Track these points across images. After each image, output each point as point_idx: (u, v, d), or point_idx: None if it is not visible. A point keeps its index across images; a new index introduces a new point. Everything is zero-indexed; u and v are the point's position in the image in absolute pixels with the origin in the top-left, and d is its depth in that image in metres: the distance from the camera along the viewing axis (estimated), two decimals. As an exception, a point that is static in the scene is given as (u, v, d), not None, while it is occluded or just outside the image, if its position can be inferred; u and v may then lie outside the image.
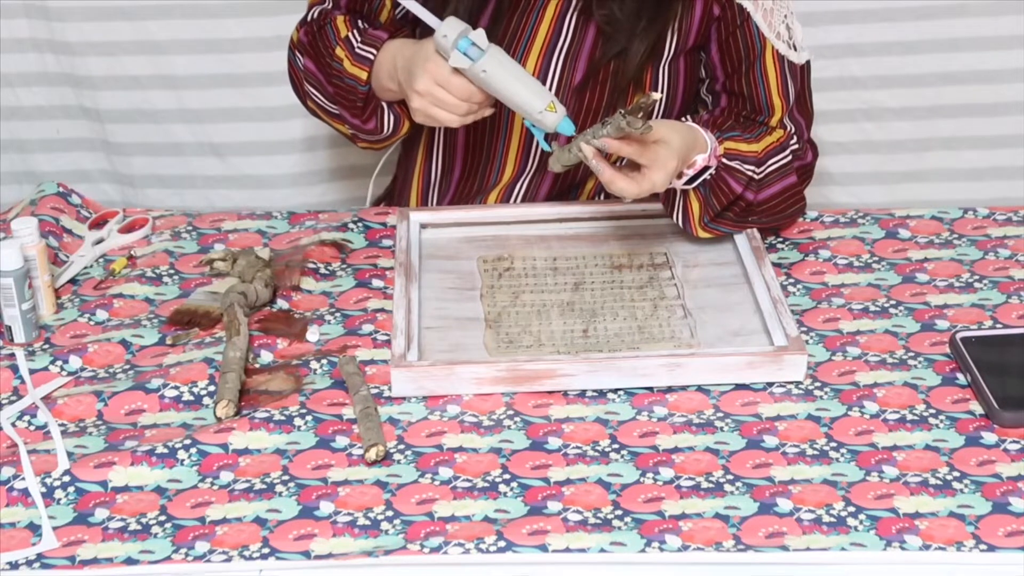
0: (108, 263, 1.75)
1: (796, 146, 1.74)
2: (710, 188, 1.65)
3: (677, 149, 1.55)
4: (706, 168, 1.62)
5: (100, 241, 1.79)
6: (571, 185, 1.83)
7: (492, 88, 1.60)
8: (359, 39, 1.73)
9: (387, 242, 1.78)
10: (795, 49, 1.73)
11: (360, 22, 1.77)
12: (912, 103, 2.40)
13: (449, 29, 1.58)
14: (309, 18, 1.81)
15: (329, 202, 2.38)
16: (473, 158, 1.82)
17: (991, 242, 1.74)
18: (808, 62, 1.76)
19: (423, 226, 1.77)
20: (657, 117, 1.75)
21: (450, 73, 1.60)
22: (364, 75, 1.71)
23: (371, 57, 1.71)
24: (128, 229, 1.81)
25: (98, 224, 1.82)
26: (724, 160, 1.64)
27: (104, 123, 2.45)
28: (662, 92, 1.76)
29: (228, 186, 2.47)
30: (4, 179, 2.49)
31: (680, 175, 1.61)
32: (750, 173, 1.66)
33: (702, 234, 1.69)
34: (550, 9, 1.73)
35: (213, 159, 2.43)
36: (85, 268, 1.75)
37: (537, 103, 1.59)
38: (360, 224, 1.82)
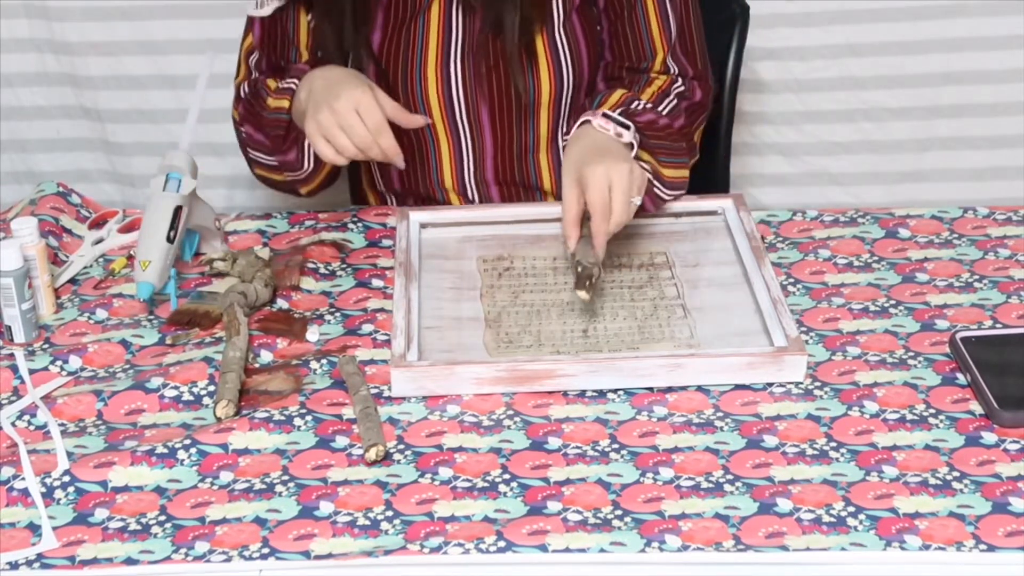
0: (108, 263, 1.75)
1: (681, 87, 1.76)
2: (644, 135, 1.68)
3: (598, 180, 1.57)
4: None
5: (100, 241, 1.79)
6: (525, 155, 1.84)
7: (148, 211, 1.63)
8: (285, 79, 1.76)
9: (387, 242, 1.78)
10: None
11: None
12: (912, 103, 2.41)
13: (176, 158, 1.67)
14: (241, 94, 1.83)
15: (329, 202, 2.38)
16: (408, 166, 1.83)
17: (991, 242, 1.74)
18: None
19: (423, 226, 1.77)
20: (569, 82, 1.77)
21: (373, 106, 1.61)
22: (286, 103, 1.72)
23: (293, 87, 1.72)
24: (128, 229, 1.81)
25: (98, 224, 1.82)
26: (618, 114, 1.66)
27: (104, 123, 2.46)
28: (565, 58, 1.77)
29: (228, 186, 2.48)
30: (4, 179, 2.49)
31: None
32: (644, 103, 1.70)
33: (670, 174, 1.72)
34: (434, 12, 1.74)
35: (213, 159, 2.43)
36: (85, 268, 1.75)
37: (142, 250, 1.60)
38: (360, 224, 1.82)
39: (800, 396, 1.48)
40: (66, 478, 1.37)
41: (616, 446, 1.41)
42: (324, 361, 1.54)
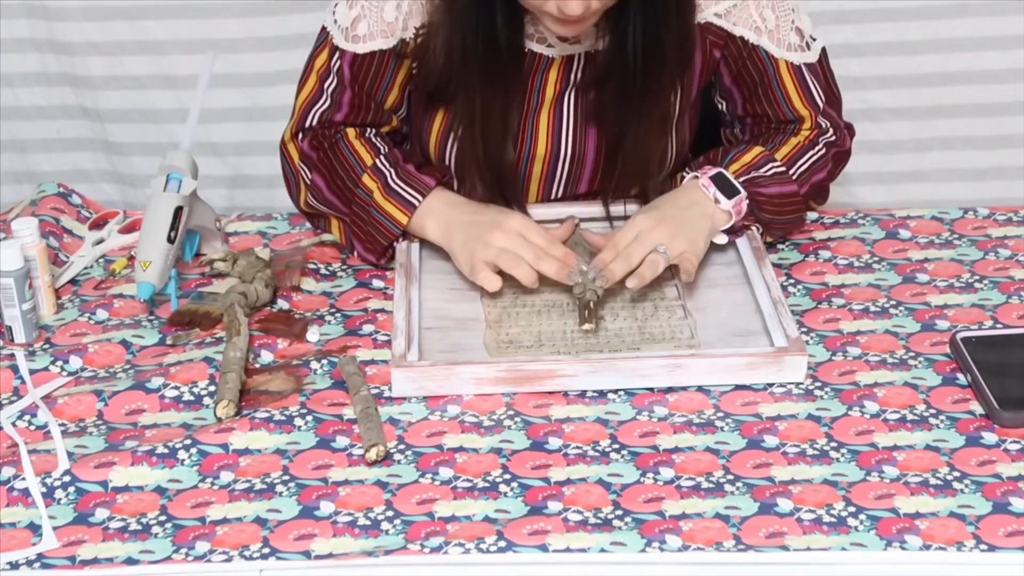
0: (108, 263, 1.75)
1: (832, 137, 1.75)
2: (760, 209, 1.67)
3: (673, 227, 1.59)
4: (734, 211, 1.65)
5: (100, 241, 1.79)
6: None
7: (148, 212, 1.63)
8: (394, 174, 1.67)
9: (387, 242, 1.77)
10: (808, 47, 1.72)
11: (377, 141, 1.71)
12: (912, 103, 2.41)
13: (175, 159, 1.67)
14: (308, 124, 1.71)
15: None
16: None
17: (991, 242, 1.74)
18: (824, 49, 1.74)
19: (423, 226, 1.77)
20: (668, 169, 1.76)
21: (535, 225, 1.61)
22: (405, 220, 1.65)
23: (416, 203, 1.65)
24: (128, 229, 1.81)
25: (98, 224, 1.82)
26: (741, 181, 1.65)
27: (104, 123, 2.46)
28: (672, 153, 1.75)
29: (228, 186, 2.48)
30: (4, 179, 2.49)
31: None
32: (776, 166, 1.68)
33: (776, 234, 1.73)
34: (549, 92, 1.70)
35: (213, 159, 2.43)
36: (85, 268, 1.75)
37: (143, 250, 1.60)
38: (360, 224, 1.81)
39: (800, 396, 1.48)
40: (66, 478, 1.37)
41: (616, 446, 1.41)
42: (324, 361, 1.54)
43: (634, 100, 1.65)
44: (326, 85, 1.70)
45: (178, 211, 1.63)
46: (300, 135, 1.73)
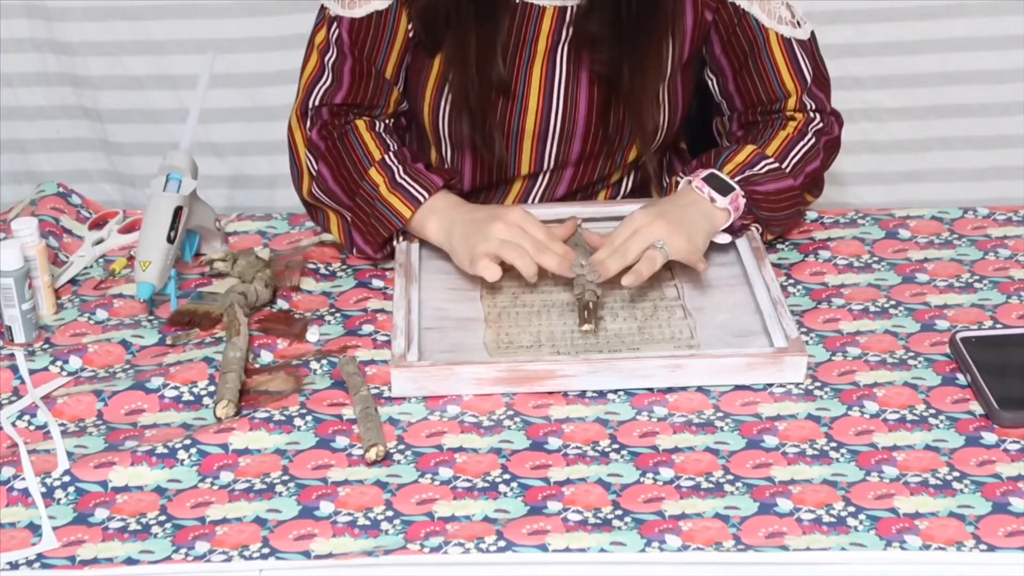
0: (108, 263, 1.75)
1: (820, 124, 1.74)
2: (758, 207, 1.66)
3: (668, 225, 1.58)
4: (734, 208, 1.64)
5: (100, 241, 1.79)
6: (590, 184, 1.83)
7: (148, 212, 1.63)
8: (402, 170, 1.67)
9: (387, 242, 1.77)
10: (799, 25, 1.73)
11: (387, 137, 1.71)
12: (911, 103, 2.41)
13: (175, 159, 1.67)
14: (312, 104, 1.71)
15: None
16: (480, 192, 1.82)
17: (991, 242, 1.74)
18: (812, 32, 1.75)
19: (423, 226, 1.77)
20: (660, 136, 1.76)
21: (534, 219, 1.61)
22: (409, 214, 1.65)
23: (421, 199, 1.65)
24: (128, 229, 1.81)
25: (98, 224, 1.82)
26: (737, 180, 1.65)
27: (104, 123, 2.46)
28: (664, 115, 1.75)
29: (228, 186, 2.48)
30: (4, 179, 2.49)
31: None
32: (770, 162, 1.68)
33: (775, 232, 1.74)
34: (541, 45, 1.71)
35: (213, 159, 2.43)
36: (85, 268, 1.75)
37: (143, 250, 1.60)
38: (360, 224, 1.81)
39: (800, 396, 1.48)
40: (66, 478, 1.37)
41: (616, 446, 1.41)
42: (324, 361, 1.54)
43: (629, 41, 1.66)
44: (327, 59, 1.71)
45: (178, 211, 1.63)
46: (308, 122, 1.72)
